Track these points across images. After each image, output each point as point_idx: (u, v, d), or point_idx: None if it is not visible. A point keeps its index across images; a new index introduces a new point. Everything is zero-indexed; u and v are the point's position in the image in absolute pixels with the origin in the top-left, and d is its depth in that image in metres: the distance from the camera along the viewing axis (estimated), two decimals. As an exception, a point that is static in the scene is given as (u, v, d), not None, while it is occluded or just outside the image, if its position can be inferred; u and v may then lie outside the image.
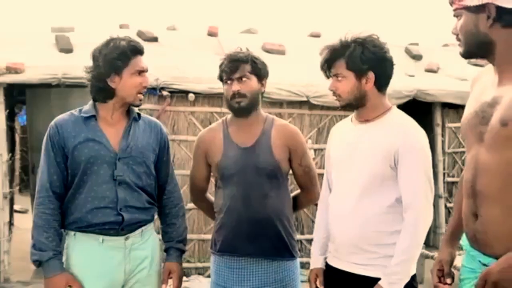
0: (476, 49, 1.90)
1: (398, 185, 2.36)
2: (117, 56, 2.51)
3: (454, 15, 1.95)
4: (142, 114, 2.73)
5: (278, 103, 6.46)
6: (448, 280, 2.07)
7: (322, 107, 6.54)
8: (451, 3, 1.92)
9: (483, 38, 1.85)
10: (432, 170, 2.40)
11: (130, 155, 2.57)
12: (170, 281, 2.71)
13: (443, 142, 7.28)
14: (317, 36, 8.41)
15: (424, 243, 2.53)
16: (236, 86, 2.70)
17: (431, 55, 8.23)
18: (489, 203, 1.82)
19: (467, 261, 2.00)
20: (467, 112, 1.96)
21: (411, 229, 2.30)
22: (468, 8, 1.86)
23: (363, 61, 2.39)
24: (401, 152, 2.33)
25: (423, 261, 5.33)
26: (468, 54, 1.94)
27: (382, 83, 2.44)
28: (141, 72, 2.57)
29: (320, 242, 2.61)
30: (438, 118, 7.16)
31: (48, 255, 2.46)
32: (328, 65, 2.46)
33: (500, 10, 1.80)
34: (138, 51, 2.57)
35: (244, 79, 2.71)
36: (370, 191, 2.37)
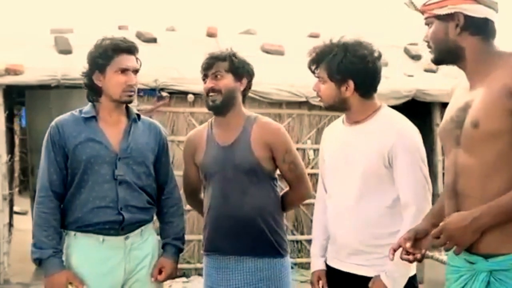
0: (446, 55, 2.03)
1: (394, 184, 2.35)
2: (99, 55, 2.55)
3: (426, 23, 2.06)
4: (142, 116, 2.76)
5: (278, 104, 6.46)
6: (408, 244, 2.05)
7: (321, 108, 6.45)
8: (423, 12, 2.03)
9: (452, 45, 1.98)
10: (427, 167, 2.39)
11: (130, 155, 2.59)
12: (170, 282, 2.72)
13: (442, 142, 7.28)
14: (316, 36, 8.40)
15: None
16: (210, 83, 2.71)
17: (430, 55, 8.21)
18: (470, 203, 1.89)
19: (452, 259, 2.03)
20: (444, 119, 2.06)
21: (410, 226, 2.27)
22: (438, 17, 1.98)
23: (340, 70, 2.37)
24: (394, 150, 2.33)
25: (423, 261, 5.32)
26: (438, 61, 2.08)
27: (364, 91, 2.43)
28: (126, 70, 2.57)
29: (320, 244, 2.60)
30: (437, 118, 7.15)
31: (48, 253, 2.48)
32: (314, 67, 2.47)
33: (468, 19, 1.93)
34: (122, 49, 2.58)
35: (218, 76, 2.71)
36: (368, 192, 2.37)
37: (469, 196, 1.90)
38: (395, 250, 2.09)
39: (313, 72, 2.49)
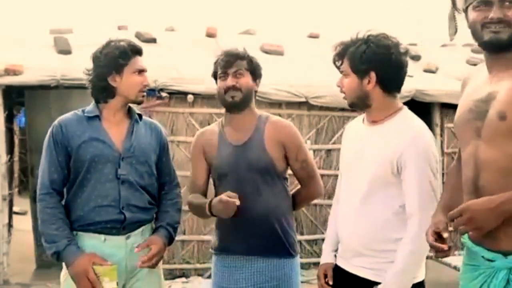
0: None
1: (402, 191, 2.29)
2: (119, 55, 2.57)
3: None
4: (143, 116, 2.78)
5: (277, 104, 6.46)
6: (445, 234, 1.97)
7: (321, 108, 6.54)
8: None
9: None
10: (437, 178, 2.30)
11: (133, 155, 2.61)
12: (169, 282, 2.72)
13: (442, 142, 7.28)
14: (316, 37, 8.42)
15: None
16: (231, 81, 2.70)
17: (429, 55, 8.23)
18: None
19: (468, 258, 1.99)
20: (460, 111, 1.99)
21: (412, 239, 2.22)
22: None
23: (362, 61, 2.33)
24: (405, 158, 2.25)
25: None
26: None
27: (386, 85, 2.36)
28: (141, 71, 2.63)
29: (332, 239, 2.58)
30: (437, 118, 7.15)
31: (64, 244, 2.47)
32: (339, 62, 2.43)
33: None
34: (137, 51, 2.64)
35: (239, 74, 2.71)
36: (374, 196, 2.33)
37: (492, 192, 1.81)
38: (437, 234, 1.98)
39: (338, 68, 2.44)
